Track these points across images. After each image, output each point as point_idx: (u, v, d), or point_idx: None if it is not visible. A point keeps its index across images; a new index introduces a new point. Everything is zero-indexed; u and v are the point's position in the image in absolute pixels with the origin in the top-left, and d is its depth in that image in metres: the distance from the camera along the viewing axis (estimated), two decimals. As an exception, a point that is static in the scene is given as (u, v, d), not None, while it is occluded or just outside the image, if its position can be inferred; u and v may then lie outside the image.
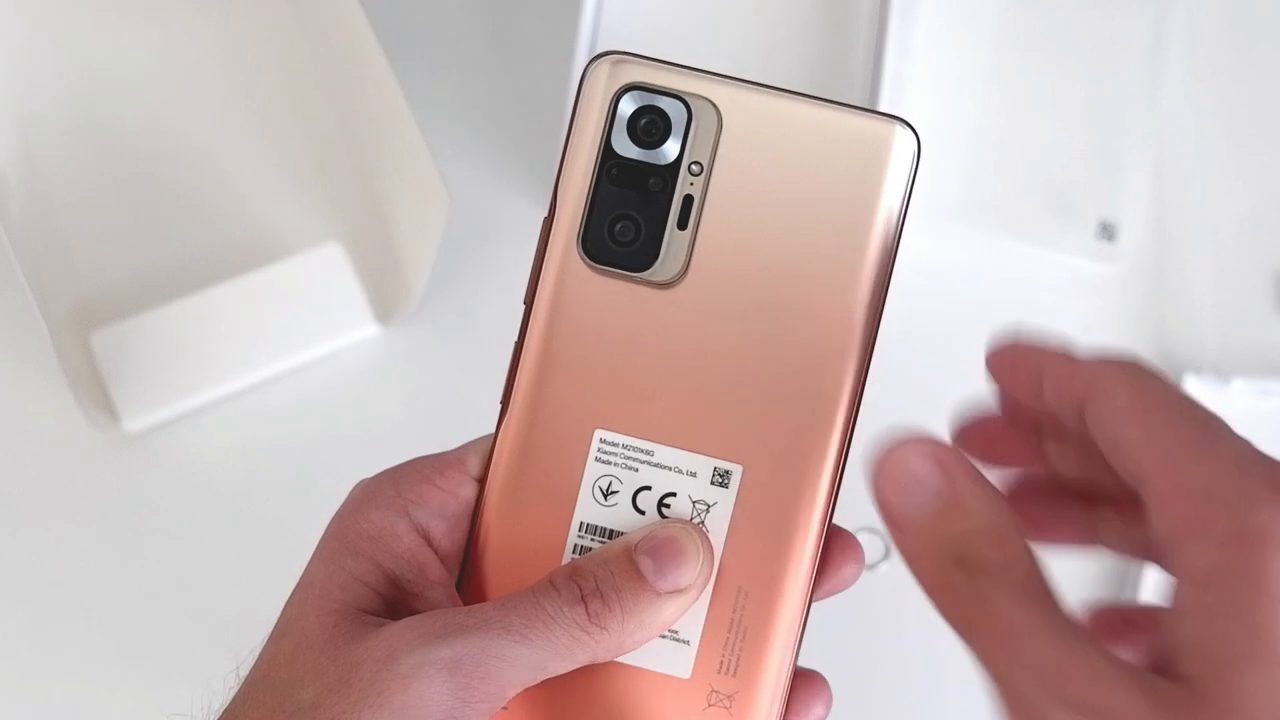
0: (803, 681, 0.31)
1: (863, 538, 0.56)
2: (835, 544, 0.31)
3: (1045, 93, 0.60)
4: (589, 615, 0.28)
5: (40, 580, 0.52)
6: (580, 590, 0.28)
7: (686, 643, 0.30)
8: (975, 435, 0.31)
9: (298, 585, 0.29)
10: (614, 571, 0.28)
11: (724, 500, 0.30)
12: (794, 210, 0.29)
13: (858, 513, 0.58)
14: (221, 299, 0.54)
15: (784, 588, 0.30)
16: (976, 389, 0.62)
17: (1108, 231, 0.58)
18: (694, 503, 0.30)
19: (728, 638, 0.30)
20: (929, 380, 0.57)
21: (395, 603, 0.29)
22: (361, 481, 0.31)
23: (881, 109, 0.56)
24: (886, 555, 0.54)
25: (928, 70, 0.60)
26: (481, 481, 0.30)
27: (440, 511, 0.30)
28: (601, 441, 0.29)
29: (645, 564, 0.28)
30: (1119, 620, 0.31)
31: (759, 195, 0.29)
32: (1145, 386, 0.26)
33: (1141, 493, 0.25)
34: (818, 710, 0.31)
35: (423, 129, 0.48)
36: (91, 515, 0.53)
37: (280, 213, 0.57)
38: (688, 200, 0.29)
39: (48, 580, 0.52)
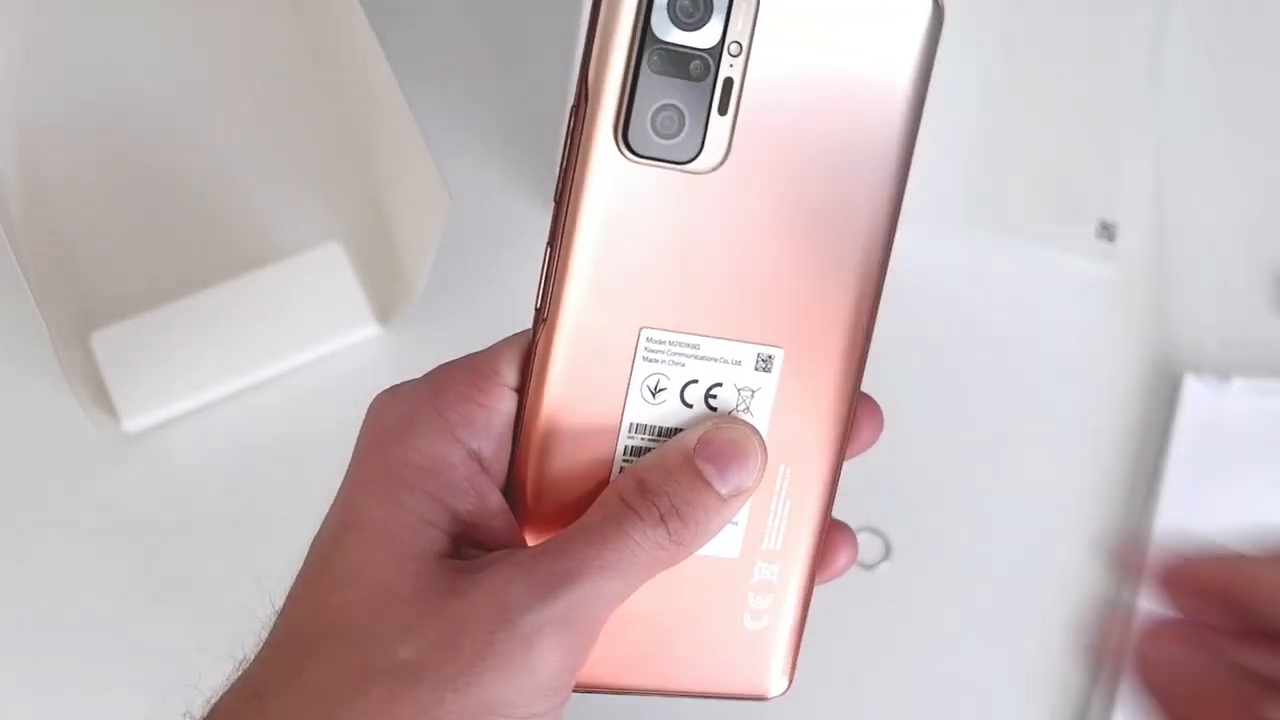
0: (830, 534, 0.31)
1: (863, 538, 0.56)
2: (860, 409, 0.31)
3: (1045, 93, 0.60)
4: (669, 535, 0.27)
5: (40, 580, 0.52)
6: (658, 510, 0.27)
7: (735, 524, 0.30)
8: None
9: (346, 527, 0.27)
10: (682, 483, 0.28)
11: (767, 384, 0.29)
12: (827, 88, 0.28)
13: (858, 512, 0.58)
14: (221, 299, 0.54)
15: (822, 460, 0.30)
16: (975, 388, 0.62)
17: (1108, 231, 0.58)
18: (739, 390, 0.29)
19: (771, 513, 0.30)
20: (929, 380, 0.57)
21: (459, 537, 0.28)
22: (385, 398, 0.29)
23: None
24: (886, 555, 0.54)
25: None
26: (519, 391, 0.29)
27: (487, 431, 0.28)
28: (648, 340, 0.29)
29: (709, 471, 0.28)
30: None
31: (795, 74, 0.28)
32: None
33: None
34: (843, 559, 0.32)
35: (423, 129, 0.48)
36: (91, 515, 0.53)
37: (280, 213, 0.57)
38: (728, 83, 0.27)
39: (47, 580, 0.52)
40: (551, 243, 0.28)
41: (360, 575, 0.27)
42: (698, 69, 0.27)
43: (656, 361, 0.29)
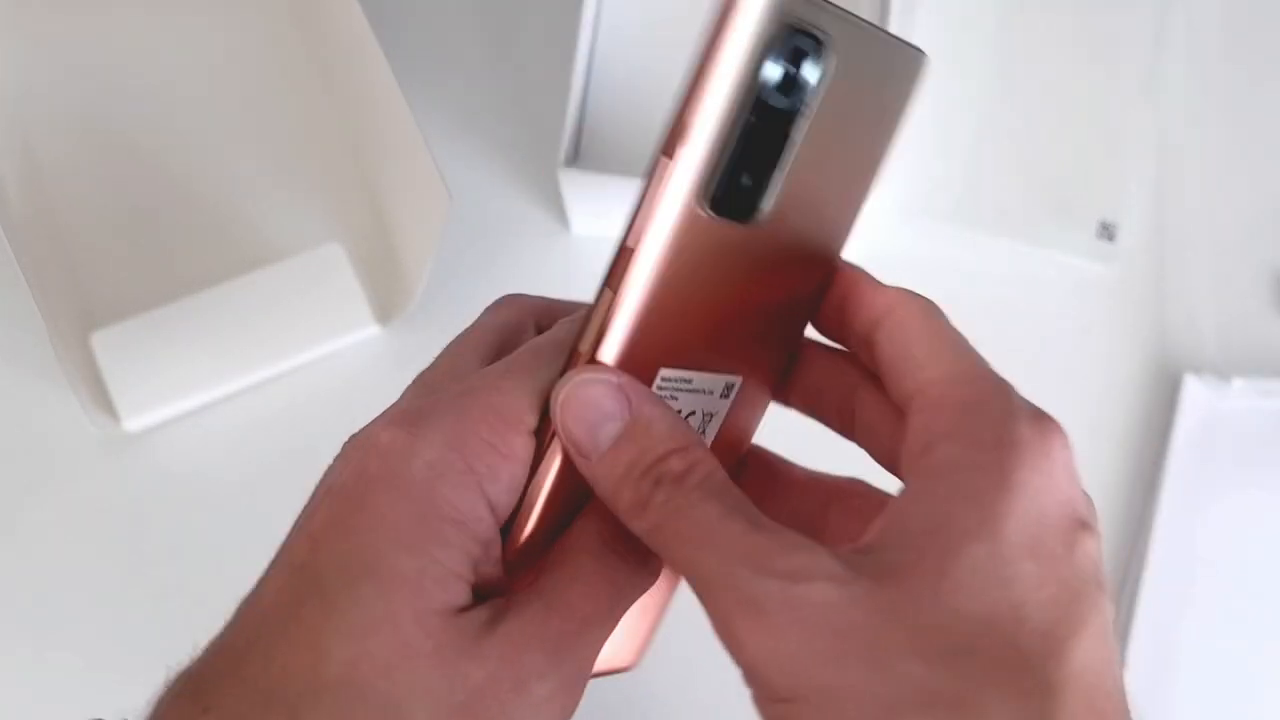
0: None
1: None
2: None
3: (1045, 93, 0.60)
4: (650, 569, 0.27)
5: (40, 579, 0.52)
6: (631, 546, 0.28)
7: None
8: None
9: (365, 574, 0.26)
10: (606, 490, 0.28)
11: (723, 408, 0.31)
12: (835, 146, 0.29)
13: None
14: (221, 299, 0.54)
15: (741, 450, 0.33)
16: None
17: (1108, 231, 0.58)
18: (704, 415, 0.30)
19: None
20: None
21: (475, 589, 0.27)
22: (401, 438, 0.27)
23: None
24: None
25: (927, 71, 0.60)
26: (538, 434, 0.28)
27: (508, 483, 0.27)
28: (662, 378, 0.29)
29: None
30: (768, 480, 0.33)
31: (823, 135, 0.28)
32: (936, 319, 0.29)
33: (910, 405, 0.28)
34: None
35: (423, 129, 0.48)
36: (91, 515, 0.53)
37: (280, 213, 0.57)
38: (791, 143, 0.28)
39: (47, 579, 0.52)
40: (612, 286, 0.27)
41: (379, 628, 0.25)
42: (783, 130, 0.27)
43: (663, 398, 0.29)
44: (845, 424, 0.33)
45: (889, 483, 0.33)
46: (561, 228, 0.58)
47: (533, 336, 0.32)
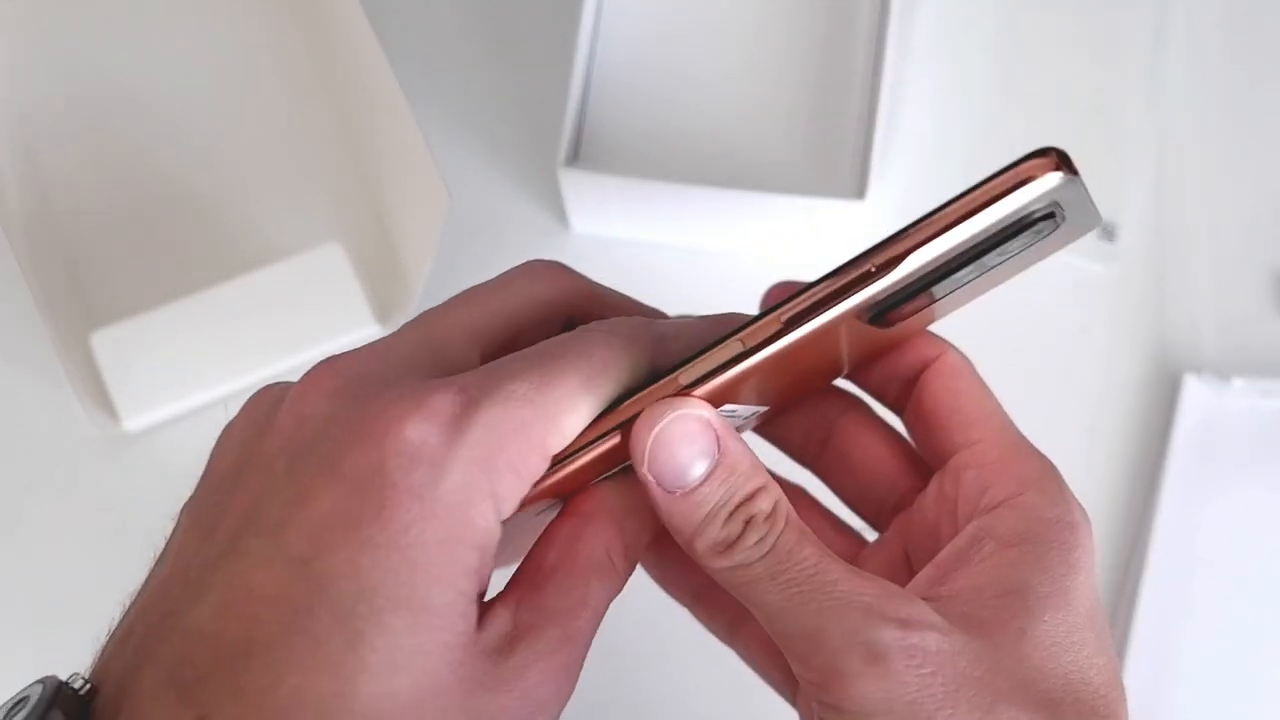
0: None
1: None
2: None
3: (1045, 93, 0.60)
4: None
5: (39, 580, 0.52)
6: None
7: None
8: None
9: (393, 605, 0.24)
10: (649, 521, 0.28)
11: (733, 425, 0.31)
12: (984, 282, 0.29)
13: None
14: (221, 299, 0.54)
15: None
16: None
17: (1108, 231, 0.58)
18: None
19: None
20: (929, 380, 0.57)
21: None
22: (421, 426, 0.25)
23: (880, 110, 0.55)
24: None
25: (928, 71, 0.60)
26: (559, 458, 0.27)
27: (515, 504, 0.27)
28: (723, 410, 0.29)
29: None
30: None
31: (984, 276, 0.29)
32: (978, 376, 0.32)
33: (955, 458, 0.30)
34: None
35: (423, 129, 0.48)
36: (91, 515, 0.53)
37: (280, 213, 0.57)
38: (960, 287, 0.29)
39: (47, 580, 0.52)
40: (745, 342, 0.27)
41: (410, 666, 0.24)
42: (961, 276, 0.28)
43: None
44: (809, 453, 0.34)
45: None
46: (561, 227, 0.58)
47: (560, 329, 0.31)
